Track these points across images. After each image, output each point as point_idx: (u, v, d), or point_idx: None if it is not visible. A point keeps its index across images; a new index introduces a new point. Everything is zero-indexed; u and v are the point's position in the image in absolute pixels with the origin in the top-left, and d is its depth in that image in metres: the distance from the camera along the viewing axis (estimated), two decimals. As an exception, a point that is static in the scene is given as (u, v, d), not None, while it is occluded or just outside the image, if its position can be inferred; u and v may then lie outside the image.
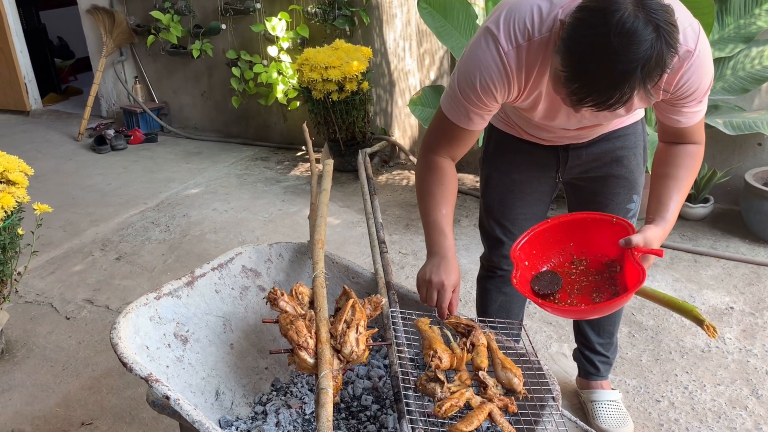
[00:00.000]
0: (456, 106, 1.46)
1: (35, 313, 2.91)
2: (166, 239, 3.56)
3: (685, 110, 1.43)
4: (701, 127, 1.50)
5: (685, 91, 1.37)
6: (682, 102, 1.40)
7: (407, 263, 3.19)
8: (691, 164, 1.50)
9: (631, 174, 1.75)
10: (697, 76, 1.34)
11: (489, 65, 1.36)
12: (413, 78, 4.26)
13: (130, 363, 1.32)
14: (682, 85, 1.35)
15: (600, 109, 1.18)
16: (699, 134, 1.50)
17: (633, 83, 1.11)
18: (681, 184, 1.47)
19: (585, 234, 1.51)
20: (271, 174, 4.49)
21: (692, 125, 1.47)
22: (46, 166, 4.75)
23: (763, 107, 3.32)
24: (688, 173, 1.49)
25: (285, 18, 4.44)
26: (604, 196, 1.79)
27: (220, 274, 1.70)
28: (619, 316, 2.08)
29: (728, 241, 3.24)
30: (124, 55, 5.53)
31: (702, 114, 1.46)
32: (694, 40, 1.31)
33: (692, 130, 1.48)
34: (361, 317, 1.47)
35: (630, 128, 1.74)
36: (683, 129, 1.48)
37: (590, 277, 1.49)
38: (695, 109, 1.43)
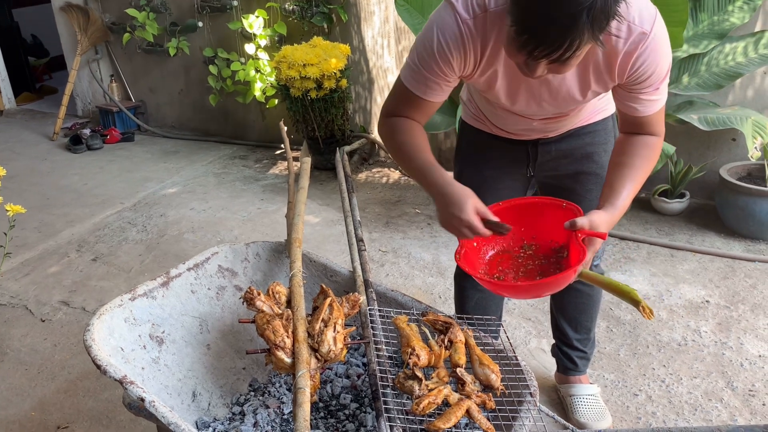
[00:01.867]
0: (414, 75, 1.46)
1: (9, 315, 2.86)
2: (143, 239, 3.52)
3: (643, 97, 1.43)
4: (660, 118, 1.50)
5: (641, 75, 1.37)
6: (639, 88, 1.41)
7: (387, 261, 3.19)
8: (648, 154, 1.49)
9: (602, 170, 1.75)
10: (653, 59, 1.35)
11: (446, 32, 1.37)
12: (392, 75, 4.26)
13: (104, 365, 1.30)
14: (638, 67, 1.36)
15: (552, 60, 1.17)
16: (658, 125, 1.50)
17: (580, 28, 1.11)
18: (635, 173, 1.46)
19: (536, 219, 1.52)
20: (250, 172, 4.46)
21: (650, 115, 1.47)
22: (20, 167, 4.68)
23: (737, 103, 3.36)
24: (644, 163, 1.48)
25: (262, 15, 4.41)
26: (577, 194, 1.79)
27: (196, 274, 1.69)
28: (595, 311, 2.09)
29: (704, 235, 3.28)
30: (100, 53, 5.45)
31: (661, 104, 1.46)
32: (650, 23, 1.32)
33: (650, 120, 1.48)
34: (338, 316, 1.47)
35: (600, 124, 1.75)
36: (642, 118, 1.48)
37: (537, 261, 1.50)
38: (653, 97, 1.43)
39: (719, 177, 3.25)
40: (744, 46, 3.14)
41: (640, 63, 1.35)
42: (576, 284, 1.96)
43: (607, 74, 1.40)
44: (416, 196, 3.94)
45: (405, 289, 2.93)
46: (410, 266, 3.14)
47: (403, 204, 3.84)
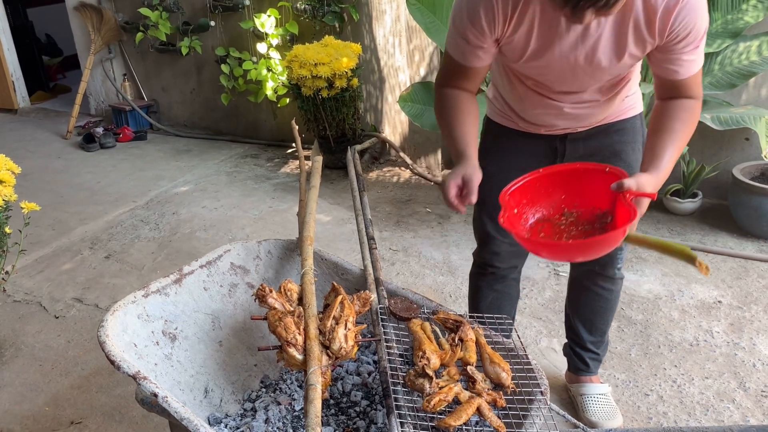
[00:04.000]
0: (454, 44, 1.53)
1: (24, 312, 2.89)
2: (155, 237, 3.55)
3: (684, 57, 1.43)
4: (698, 80, 1.49)
5: (681, 32, 1.39)
6: (679, 47, 1.42)
7: (397, 260, 3.19)
8: (687, 117, 1.48)
9: (630, 169, 1.72)
10: (692, 16, 1.37)
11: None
12: (403, 74, 4.26)
13: (118, 361, 1.32)
14: (678, 24, 1.37)
15: (599, 8, 1.21)
16: (696, 88, 1.49)
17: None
18: (676, 136, 1.45)
19: (578, 185, 1.47)
20: (261, 171, 4.48)
21: (689, 77, 1.46)
22: (34, 165, 4.72)
23: (751, 102, 3.34)
24: (684, 126, 1.47)
25: (274, 14, 4.42)
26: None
27: (209, 272, 1.70)
28: (611, 315, 2.07)
29: (716, 235, 3.26)
30: (113, 52, 5.49)
31: (699, 65, 1.46)
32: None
33: (689, 83, 1.47)
34: (349, 313, 1.47)
35: (628, 122, 1.75)
36: (680, 81, 1.47)
37: (580, 228, 1.46)
38: (692, 57, 1.43)
39: (732, 177, 3.23)
40: (758, 45, 3.11)
41: (681, 19, 1.37)
42: (594, 287, 1.97)
43: (648, 32, 1.41)
44: (427, 195, 3.94)
45: (415, 287, 2.93)
46: (421, 265, 3.14)
47: (414, 203, 3.84)
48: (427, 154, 4.27)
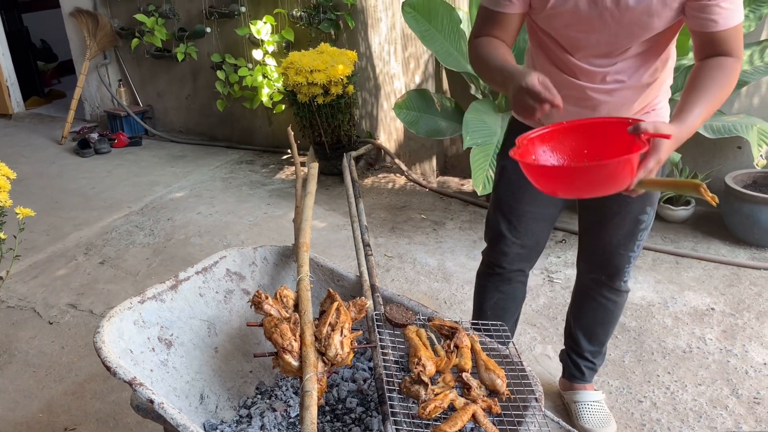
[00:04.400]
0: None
1: (17, 318, 2.89)
2: (150, 243, 3.54)
3: (722, 4, 1.38)
4: (738, 35, 1.44)
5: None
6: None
7: (392, 266, 3.20)
8: (723, 77, 1.43)
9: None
10: None
11: None
12: (398, 81, 4.28)
13: (114, 367, 1.32)
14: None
15: None
16: (735, 43, 1.44)
17: None
18: (707, 95, 1.40)
19: (601, 139, 1.43)
20: (256, 177, 4.48)
21: (727, 29, 1.41)
22: (29, 170, 4.71)
23: (743, 111, 3.37)
24: (717, 86, 1.42)
25: (270, 21, 4.44)
26: (618, 204, 1.75)
27: (205, 278, 1.71)
28: (612, 327, 2.07)
29: (709, 243, 3.28)
30: (108, 58, 5.50)
31: (737, 17, 1.42)
32: None
33: (727, 36, 1.42)
34: (345, 320, 1.48)
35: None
36: (717, 34, 1.42)
37: None
38: (728, 5, 1.39)
39: (724, 185, 3.26)
40: (750, 54, 3.14)
41: None
42: (600, 297, 1.97)
43: None
44: (422, 201, 3.95)
45: (410, 294, 2.94)
46: (416, 271, 3.15)
47: (409, 209, 3.85)
48: (422, 161, 4.29)
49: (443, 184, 4.22)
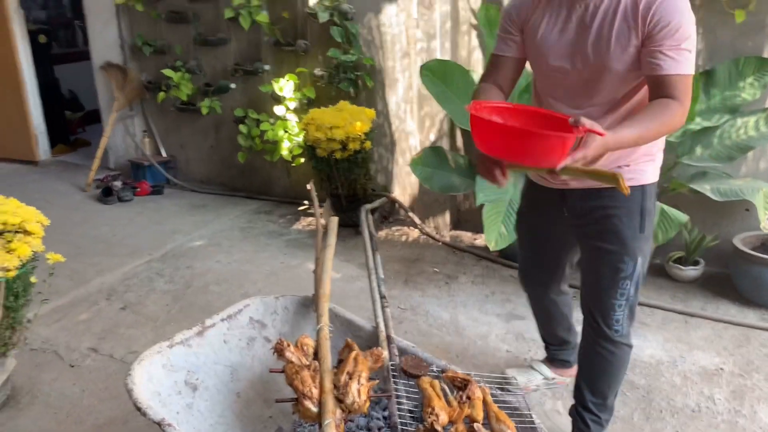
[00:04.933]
0: (496, 41, 1.96)
1: (40, 360, 2.97)
2: (170, 290, 3.64)
3: (665, 52, 1.64)
4: (681, 84, 1.66)
5: (659, 23, 1.64)
6: (659, 39, 1.64)
7: (405, 318, 3.27)
8: (661, 110, 1.65)
9: (620, 233, 1.90)
10: (668, 10, 1.63)
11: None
12: (414, 139, 4.43)
13: (144, 408, 1.40)
14: (656, 16, 1.63)
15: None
16: (677, 89, 1.66)
17: None
18: (644, 123, 1.63)
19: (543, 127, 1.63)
20: (274, 227, 4.60)
21: (671, 75, 1.65)
22: (53, 216, 4.77)
23: (750, 174, 3.46)
24: (654, 116, 1.64)
25: (292, 79, 4.63)
26: (598, 253, 1.96)
27: (229, 325, 1.79)
28: (613, 379, 2.14)
29: (719, 303, 3.33)
30: (134, 110, 5.71)
31: (681, 68, 1.65)
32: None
33: (671, 81, 1.65)
34: (362, 369, 1.55)
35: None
36: (662, 78, 1.66)
37: None
38: (672, 55, 1.64)
39: (733, 246, 3.32)
40: (755, 120, 3.26)
41: (659, 12, 1.63)
42: (597, 347, 2.08)
43: (633, 21, 1.67)
44: (435, 255, 4.04)
45: (423, 347, 2.97)
46: (428, 324, 3.21)
47: (422, 262, 3.93)
48: (436, 215, 4.39)
49: (456, 238, 4.31)
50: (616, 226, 1.89)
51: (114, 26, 5.53)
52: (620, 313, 1.99)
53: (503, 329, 3.15)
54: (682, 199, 3.51)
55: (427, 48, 4.07)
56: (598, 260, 1.96)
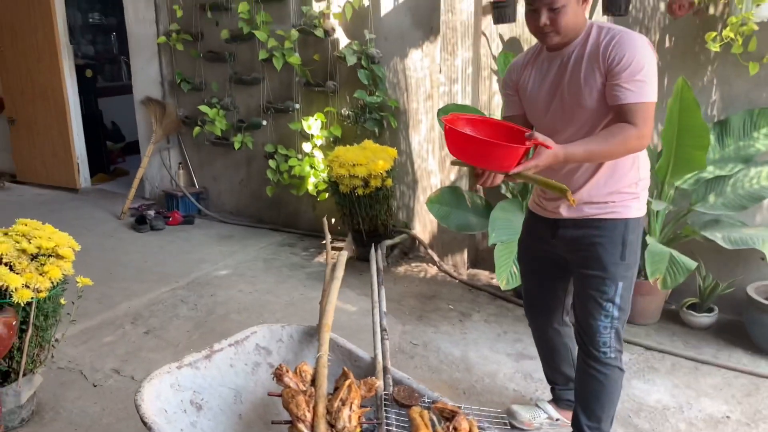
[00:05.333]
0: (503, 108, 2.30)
1: (65, 378, 3.12)
2: (192, 317, 3.78)
3: (623, 84, 1.87)
4: (642, 112, 1.88)
5: (615, 58, 1.87)
6: (617, 73, 1.87)
7: (417, 353, 3.34)
8: (617, 132, 1.87)
9: (602, 259, 2.08)
10: (623, 47, 1.87)
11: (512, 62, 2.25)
12: (435, 178, 4.55)
13: (150, 422, 1.51)
14: (613, 52, 1.88)
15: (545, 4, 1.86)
16: (639, 118, 1.88)
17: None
18: (598, 141, 1.88)
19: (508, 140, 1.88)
20: (297, 260, 4.74)
21: (629, 103, 1.87)
22: (89, 241, 5.05)
23: (765, 223, 3.48)
24: (610, 137, 1.87)
25: (320, 118, 4.81)
26: (583, 277, 2.15)
27: (236, 350, 1.91)
28: (607, 402, 2.24)
29: (731, 351, 3.33)
30: (171, 143, 5.97)
31: (638, 98, 1.87)
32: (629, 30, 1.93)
33: (630, 109, 1.87)
34: (355, 396, 1.65)
35: (609, 222, 2.09)
36: (623, 107, 1.88)
37: None
38: (630, 87, 1.86)
39: (746, 295, 3.33)
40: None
41: (616, 49, 1.88)
42: (588, 368, 2.22)
43: (595, 61, 1.91)
44: (451, 292, 4.11)
45: (432, 382, 3.06)
46: (439, 360, 3.28)
47: (438, 299, 4.01)
48: (454, 253, 4.48)
49: (473, 276, 4.38)
50: (599, 254, 2.08)
51: (155, 63, 5.83)
52: (606, 336, 2.14)
53: (512, 368, 3.20)
54: (697, 245, 3.54)
55: (449, 91, 4.22)
56: (584, 285, 2.15)
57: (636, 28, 3.62)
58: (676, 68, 3.57)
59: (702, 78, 3.52)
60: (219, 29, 5.25)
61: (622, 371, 2.24)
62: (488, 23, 4.08)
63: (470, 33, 4.03)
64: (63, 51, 6.30)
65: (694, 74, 3.52)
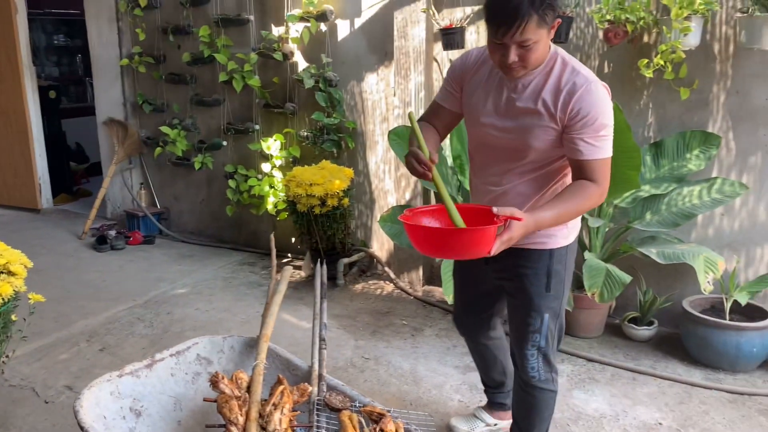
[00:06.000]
0: (440, 89, 2.15)
1: (17, 396, 3.14)
2: (148, 334, 3.83)
3: (585, 139, 1.82)
4: (600, 169, 1.85)
5: (579, 113, 1.82)
6: (578, 128, 1.83)
7: (367, 368, 3.43)
8: (580, 192, 1.84)
9: (527, 291, 2.11)
10: (587, 102, 1.81)
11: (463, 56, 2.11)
12: (391, 197, 4.67)
13: (87, 427, 1.58)
14: (576, 105, 1.82)
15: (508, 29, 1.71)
16: (596, 174, 1.85)
17: (526, 8, 1.68)
18: (562, 203, 1.82)
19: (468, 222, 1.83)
20: (255, 278, 4.80)
21: (590, 160, 1.83)
22: (48, 261, 5.08)
23: (699, 240, 3.66)
24: (573, 198, 1.83)
25: (279, 139, 4.92)
26: (512, 307, 2.20)
27: (177, 360, 1.98)
28: (537, 421, 2.30)
29: (668, 362, 3.48)
30: (133, 163, 6.02)
31: (600, 154, 1.84)
32: (593, 79, 1.85)
33: (591, 166, 1.84)
34: (287, 401, 1.74)
35: (535, 253, 2.10)
36: (583, 162, 1.84)
37: None
38: (592, 142, 1.82)
39: (682, 308, 3.49)
40: (699, 190, 3.48)
41: (579, 102, 1.82)
42: (521, 391, 2.27)
43: (553, 106, 1.85)
44: (405, 308, 4.22)
45: (380, 395, 3.15)
46: (388, 374, 3.37)
47: (392, 315, 4.11)
48: (410, 271, 4.59)
49: (428, 293, 4.50)
50: (524, 285, 2.11)
51: (118, 85, 5.90)
52: (534, 362, 2.18)
53: (459, 380, 3.31)
54: (638, 261, 3.70)
55: (403, 114, 4.36)
56: (512, 313, 2.20)
57: (576, 55, 3.81)
58: (615, 93, 3.72)
59: (639, 102, 3.71)
60: (181, 52, 5.36)
61: (553, 392, 2.26)
62: (439, 49, 4.25)
63: (422, 58, 4.20)
64: (25, 72, 6.33)
65: (631, 98, 3.72)
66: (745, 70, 3.41)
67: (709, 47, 3.46)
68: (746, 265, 3.57)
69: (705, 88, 3.51)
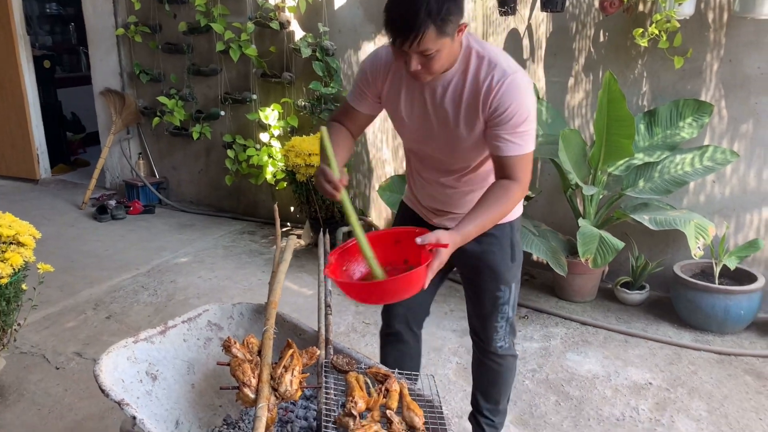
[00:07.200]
0: (351, 90, 2.02)
1: (28, 362, 3.23)
2: (153, 302, 3.91)
3: (504, 136, 1.77)
4: (520, 166, 1.80)
5: (498, 109, 1.75)
6: (499, 124, 1.77)
7: (369, 332, 3.53)
8: (501, 195, 1.79)
9: (496, 267, 2.10)
10: (507, 98, 1.74)
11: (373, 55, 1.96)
12: (389, 166, 4.73)
13: (108, 390, 1.67)
14: (496, 101, 1.75)
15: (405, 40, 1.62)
16: (516, 172, 1.80)
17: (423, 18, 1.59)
18: (485, 210, 1.77)
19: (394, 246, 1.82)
20: (256, 247, 4.88)
21: (510, 157, 1.78)
22: (49, 231, 5.14)
23: (690, 207, 3.74)
24: (496, 202, 1.78)
25: (277, 109, 4.95)
26: (477, 285, 2.16)
27: (189, 327, 2.07)
28: (503, 386, 2.33)
29: (659, 325, 3.60)
30: (131, 133, 6.04)
31: (521, 151, 1.78)
32: (512, 70, 1.76)
33: (511, 164, 1.79)
34: (297, 364, 1.83)
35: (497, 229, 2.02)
36: (503, 159, 1.80)
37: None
38: (511, 139, 1.77)
39: (673, 273, 3.60)
40: (692, 157, 3.55)
41: (498, 98, 1.75)
42: (486, 359, 2.28)
43: (473, 105, 1.79)
44: (403, 276, 4.31)
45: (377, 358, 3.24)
46: (388, 338, 3.47)
47: (391, 283, 4.20)
48: (407, 239, 4.67)
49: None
50: (492, 262, 2.08)
51: (114, 55, 5.88)
52: (502, 333, 2.20)
53: (456, 343, 3.41)
54: (630, 227, 3.80)
55: (400, 83, 4.39)
56: (479, 293, 2.16)
57: (572, 24, 3.85)
58: (609, 62, 3.80)
59: (633, 71, 3.76)
60: (177, 21, 5.35)
61: (516, 357, 2.29)
62: (436, 18, 4.26)
63: (419, 27, 4.20)
64: (20, 42, 6.29)
65: (626, 67, 3.77)
66: (739, 38, 3.45)
67: (704, 16, 3.50)
68: (736, 230, 3.67)
69: (699, 57, 3.56)
